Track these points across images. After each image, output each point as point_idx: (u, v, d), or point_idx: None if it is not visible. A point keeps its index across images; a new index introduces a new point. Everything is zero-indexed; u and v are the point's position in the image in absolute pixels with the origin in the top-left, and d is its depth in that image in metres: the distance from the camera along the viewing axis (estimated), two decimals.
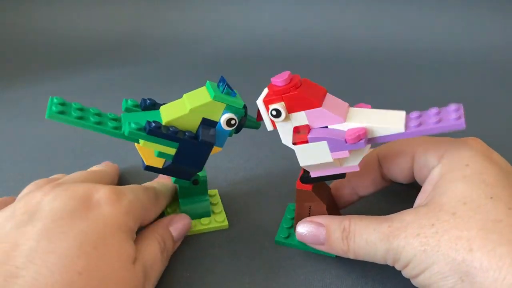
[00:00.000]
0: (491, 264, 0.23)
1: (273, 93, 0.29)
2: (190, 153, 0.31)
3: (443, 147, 0.30)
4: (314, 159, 0.30)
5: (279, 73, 0.29)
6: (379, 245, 0.27)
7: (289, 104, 0.29)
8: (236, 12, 0.86)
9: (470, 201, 0.25)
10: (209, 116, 0.30)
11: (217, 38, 0.82)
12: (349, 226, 0.29)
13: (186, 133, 0.30)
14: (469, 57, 0.74)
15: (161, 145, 0.30)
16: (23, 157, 0.47)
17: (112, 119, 0.31)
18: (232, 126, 0.31)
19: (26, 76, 0.69)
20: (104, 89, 0.65)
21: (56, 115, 0.29)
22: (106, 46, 0.81)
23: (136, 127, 0.29)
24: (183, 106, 0.30)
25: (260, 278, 0.31)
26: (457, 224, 0.25)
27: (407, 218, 0.27)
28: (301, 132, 0.29)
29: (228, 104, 0.30)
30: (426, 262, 0.25)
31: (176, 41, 0.82)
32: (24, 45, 0.81)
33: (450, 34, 0.78)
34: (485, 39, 0.77)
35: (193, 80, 0.66)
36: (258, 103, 0.29)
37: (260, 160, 0.45)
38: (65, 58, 0.77)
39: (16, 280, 0.22)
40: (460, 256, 0.24)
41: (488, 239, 0.23)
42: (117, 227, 0.27)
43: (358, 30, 0.81)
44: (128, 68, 0.72)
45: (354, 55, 0.76)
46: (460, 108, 0.29)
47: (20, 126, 0.53)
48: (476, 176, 0.26)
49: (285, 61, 0.75)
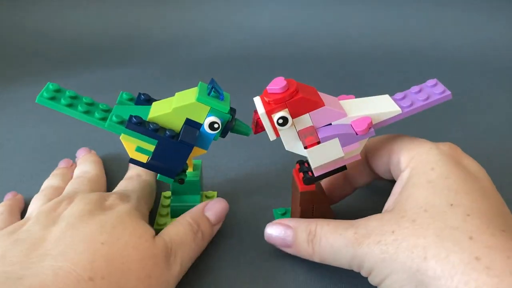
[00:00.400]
0: (443, 273, 0.22)
1: (275, 101, 0.28)
2: (168, 151, 0.30)
3: (414, 149, 0.29)
4: (327, 157, 0.30)
5: (277, 74, 0.29)
6: (344, 251, 0.27)
7: (293, 109, 0.28)
8: (236, 12, 0.86)
9: (431, 207, 0.25)
10: (194, 117, 0.30)
11: (217, 38, 0.82)
12: (315, 229, 0.29)
13: (167, 132, 0.30)
14: (469, 57, 0.73)
15: (140, 140, 0.30)
16: (23, 157, 0.47)
17: (103, 110, 0.31)
18: (215, 130, 0.31)
19: (26, 76, 0.69)
20: (104, 89, 0.64)
21: (46, 101, 0.30)
22: (106, 46, 0.81)
23: (117, 120, 0.30)
24: (169, 105, 0.31)
25: (260, 278, 0.31)
26: (415, 231, 0.24)
27: (372, 224, 0.26)
28: (308, 134, 0.29)
29: (212, 107, 0.30)
30: (385, 270, 0.25)
31: (176, 41, 0.82)
32: (24, 45, 0.81)
33: (450, 34, 0.78)
34: (485, 39, 0.77)
35: (193, 80, 0.65)
36: (261, 115, 0.29)
37: (260, 160, 0.45)
38: (65, 58, 0.77)
39: (45, 257, 0.25)
40: (415, 265, 0.23)
41: (443, 247, 0.23)
42: (132, 213, 0.30)
43: (358, 30, 0.81)
44: (128, 68, 0.72)
45: (354, 55, 0.76)
46: (437, 82, 0.31)
47: (20, 126, 0.53)
48: (441, 181, 0.26)
49: (285, 61, 0.74)
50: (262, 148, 0.47)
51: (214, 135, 0.31)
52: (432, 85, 0.31)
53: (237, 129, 0.33)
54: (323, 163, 0.30)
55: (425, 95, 0.30)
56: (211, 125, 0.30)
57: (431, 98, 0.30)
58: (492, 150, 0.48)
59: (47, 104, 0.30)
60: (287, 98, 0.28)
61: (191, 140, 0.30)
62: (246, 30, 0.83)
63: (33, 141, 0.50)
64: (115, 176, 0.43)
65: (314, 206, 0.33)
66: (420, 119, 0.54)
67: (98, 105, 0.31)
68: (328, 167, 0.31)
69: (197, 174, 0.36)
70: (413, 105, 0.30)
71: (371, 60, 0.73)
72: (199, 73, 0.71)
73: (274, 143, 0.46)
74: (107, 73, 0.70)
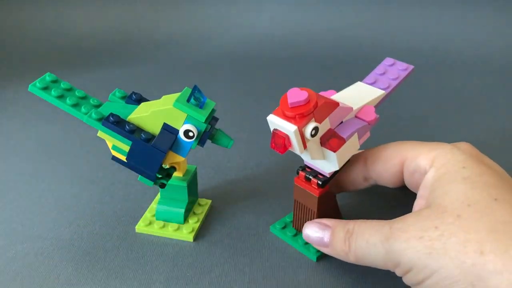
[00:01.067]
0: (506, 266, 0.22)
1: (302, 114, 0.27)
2: (142, 154, 0.30)
3: (434, 150, 0.29)
4: (348, 154, 0.30)
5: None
6: (379, 247, 0.26)
7: (318, 117, 0.27)
8: (236, 12, 0.86)
9: (475, 202, 0.24)
10: (171, 123, 0.30)
11: (217, 38, 0.82)
12: (353, 227, 0.28)
13: (142, 134, 0.30)
14: (469, 57, 0.73)
15: (115, 139, 0.30)
16: (22, 157, 0.47)
17: (93, 105, 0.31)
18: (191, 139, 0.30)
19: (26, 76, 0.69)
20: (103, 89, 0.64)
21: (37, 90, 0.30)
22: (106, 46, 0.81)
23: (96, 117, 0.30)
24: (151, 107, 0.30)
25: (260, 278, 0.31)
26: (463, 227, 0.24)
27: (409, 220, 0.26)
28: (330, 137, 0.29)
29: (188, 115, 0.29)
30: (432, 267, 0.23)
31: (176, 41, 0.82)
32: (23, 45, 0.81)
33: (450, 34, 0.78)
34: (485, 39, 0.77)
35: (193, 80, 0.66)
36: (293, 132, 0.26)
37: (260, 160, 0.45)
38: (64, 58, 0.77)
39: None
40: (470, 259, 0.22)
41: (500, 241, 0.22)
42: None
43: (358, 30, 0.81)
44: (128, 68, 0.72)
45: (354, 54, 0.76)
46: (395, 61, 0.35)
47: (20, 126, 0.53)
48: (477, 178, 0.26)
49: (285, 61, 0.74)
50: (262, 148, 0.47)
51: (191, 143, 0.30)
52: (391, 64, 0.35)
53: (218, 140, 0.32)
54: (346, 160, 0.30)
55: (395, 74, 0.33)
56: (186, 133, 0.30)
57: (400, 77, 0.33)
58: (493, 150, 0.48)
59: (38, 93, 0.30)
60: (313, 107, 0.27)
61: (164, 146, 0.30)
62: (246, 30, 0.83)
63: (33, 141, 0.50)
64: (115, 176, 0.43)
65: (328, 207, 0.33)
66: (421, 119, 0.54)
67: (89, 100, 0.31)
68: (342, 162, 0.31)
69: (185, 179, 0.35)
70: (390, 86, 0.33)
71: (371, 60, 0.73)
72: (199, 73, 0.70)
73: None
74: (107, 73, 0.70)
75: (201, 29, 0.84)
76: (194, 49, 0.79)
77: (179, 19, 0.86)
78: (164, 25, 0.85)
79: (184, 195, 0.35)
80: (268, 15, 0.85)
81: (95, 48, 0.80)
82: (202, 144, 0.31)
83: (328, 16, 0.83)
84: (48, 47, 0.81)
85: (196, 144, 0.31)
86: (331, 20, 0.83)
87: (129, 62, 0.75)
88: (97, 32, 0.84)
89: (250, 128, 0.51)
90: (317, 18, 0.84)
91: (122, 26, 0.86)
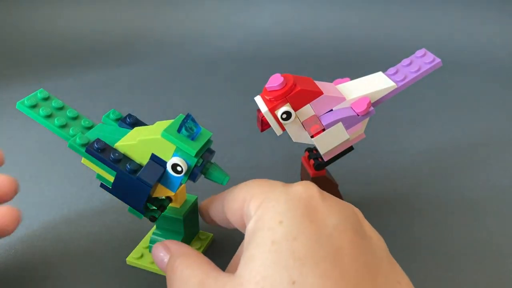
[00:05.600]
0: None
1: (275, 98, 0.29)
2: (127, 187, 0.27)
3: (264, 194, 0.24)
4: (334, 142, 0.31)
5: (273, 74, 0.30)
6: None
7: (294, 102, 0.30)
8: (236, 12, 0.86)
9: (269, 285, 0.20)
10: (160, 154, 0.27)
11: (217, 38, 0.82)
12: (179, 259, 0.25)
13: (128, 165, 0.26)
14: (469, 57, 0.73)
15: (100, 168, 0.27)
16: (22, 157, 0.47)
17: (84, 127, 0.29)
18: (179, 173, 0.27)
19: (26, 76, 0.69)
20: (103, 89, 0.64)
21: (25, 109, 0.28)
22: (106, 46, 0.81)
23: (80, 142, 0.27)
24: (140, 134, 0.27)
25: None
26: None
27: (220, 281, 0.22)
28: (312, 123, 0.30)
29: (177, 147, 0.26)
30: None
31: (176, 41, 0.82)
32: (23, 45, 0.81)
33: (450, 34, 0.78)
34: (485, 39, 0.77)
35: (193, 80, 0.66)
36: (265, 113, 0.30)
37: (260, 160, 0.45)
38: (64, 58, 0.77)
39: None
40: None
41: None
42: None
43: (358, 30, 0.81)
44: (128, 68, 0.72)
45: (354, 54, 0.76)
46: (426, 52, 0.33)
47: (20, 126, 0.53)
48: (287, 243, 0.21)
49: (285, 61, 0.74)
50: (262, 148, 0.47)
51: (180, 178, 0.27)
52: (421, 55, 0.33)
53: (211, 175, 0.29)
54: (331, 148, 0.31)
55: (416, 66, 0.32)
56: (174, 167, 0.26)
57: (422, 69, 0.32)
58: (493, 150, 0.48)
59: (25, 111, 0.28)
60: (287, 93, 0.29)
61: (150, 179, 0.26)
62: (246, 30, 0.83)
63: (33, 141, 0.50)
64: None
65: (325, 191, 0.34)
66: (420, 119, 0.54)
67: (81, 120, 0.29)
68: (336, 151, 0.32)
69: (182, 211, 0.31)
70: (406, 78, 0.32)
71: (371, 60, 0.73)
72: (199, 73, 0.70)
73: (274, 143, 0.47)
74: (107, 73, 0.70)
75: (201, 29, 0.84)
76: (194, 49, 0.80)
77: (179, 19, 0.86)
78: (164, 25, 0.85)
79: (180, 228, 0.32)
80: (268, 15, 0.85)
81: (95, 48, 0.80)
82: (194, 180, 0.28)
83: (328, 16, 0.83)
84: (48, 47, 0.81)
85: (187, 179, 0.27)
86: (331, 20, 0.83)
87: (129, 62, 0.75)
88: (97, 32, 0.84)
89: (250, 128, 0.51)
90: (317, 18, 0.84)
91: (122, 26, 0.86)
